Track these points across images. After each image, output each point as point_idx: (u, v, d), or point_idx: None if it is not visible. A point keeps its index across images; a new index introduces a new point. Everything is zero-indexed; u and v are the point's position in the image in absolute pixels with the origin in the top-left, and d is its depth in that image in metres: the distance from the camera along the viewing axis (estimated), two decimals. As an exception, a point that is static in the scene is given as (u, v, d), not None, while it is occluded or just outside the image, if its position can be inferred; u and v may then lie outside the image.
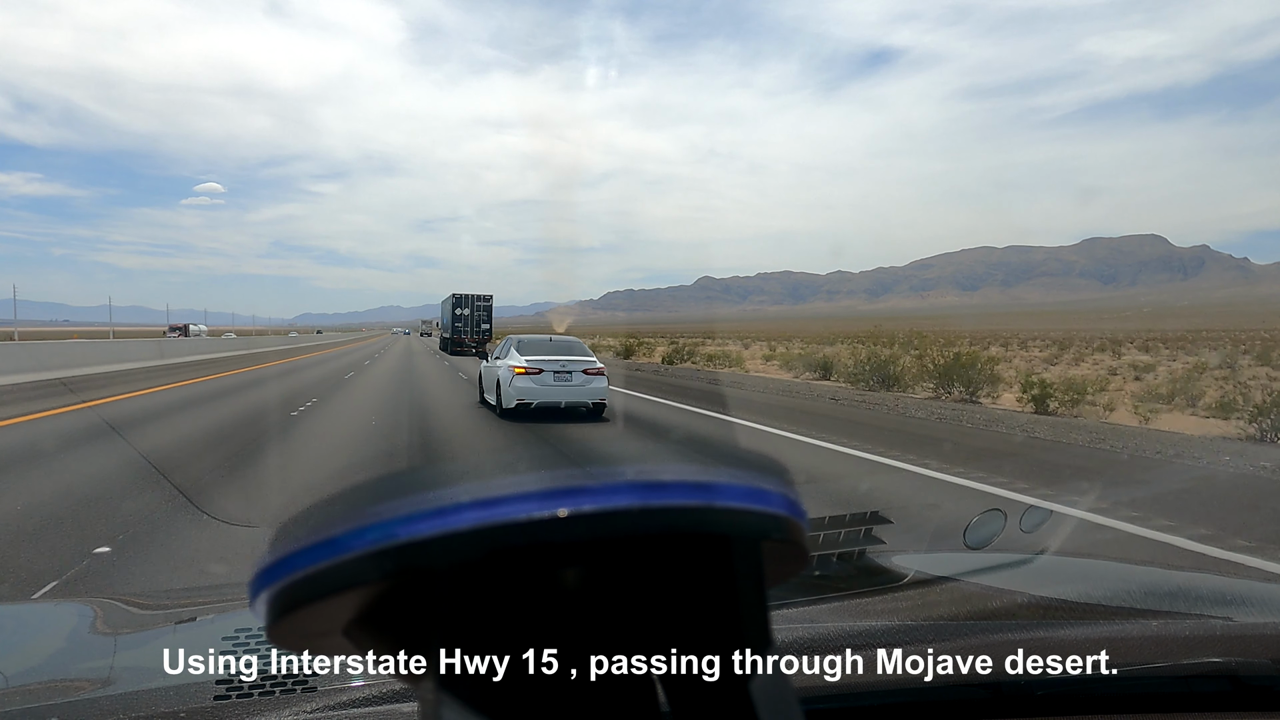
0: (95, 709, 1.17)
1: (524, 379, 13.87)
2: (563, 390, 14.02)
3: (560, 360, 14.20)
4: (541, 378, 13.94)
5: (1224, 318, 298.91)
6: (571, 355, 14.54)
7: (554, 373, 14.03)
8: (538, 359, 14.13)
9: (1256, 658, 1.32)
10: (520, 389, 13.84)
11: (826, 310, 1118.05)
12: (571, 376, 14.09)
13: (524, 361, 14.03)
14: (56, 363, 22.99)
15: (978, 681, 1.23)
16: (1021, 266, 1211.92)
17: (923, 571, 1.87)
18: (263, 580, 0.47)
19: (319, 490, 0.47)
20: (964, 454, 10.53)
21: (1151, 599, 1.77)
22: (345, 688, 1.18)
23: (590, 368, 14.28)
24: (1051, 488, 8.13)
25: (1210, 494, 8.42)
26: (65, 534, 5.74)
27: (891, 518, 2.03)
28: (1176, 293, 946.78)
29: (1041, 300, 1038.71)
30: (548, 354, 14.41)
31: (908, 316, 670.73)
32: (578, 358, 14.47)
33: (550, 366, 14.03)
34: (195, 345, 42.15)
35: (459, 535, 0.43)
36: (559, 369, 14.07)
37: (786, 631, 1.32)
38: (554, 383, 14.00)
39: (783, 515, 0.49)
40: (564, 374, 14.07)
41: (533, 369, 13.95)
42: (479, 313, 51.85)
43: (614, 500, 0.44)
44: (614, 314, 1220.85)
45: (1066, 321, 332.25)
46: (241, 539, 5.72)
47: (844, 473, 9.46)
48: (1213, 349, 50.16)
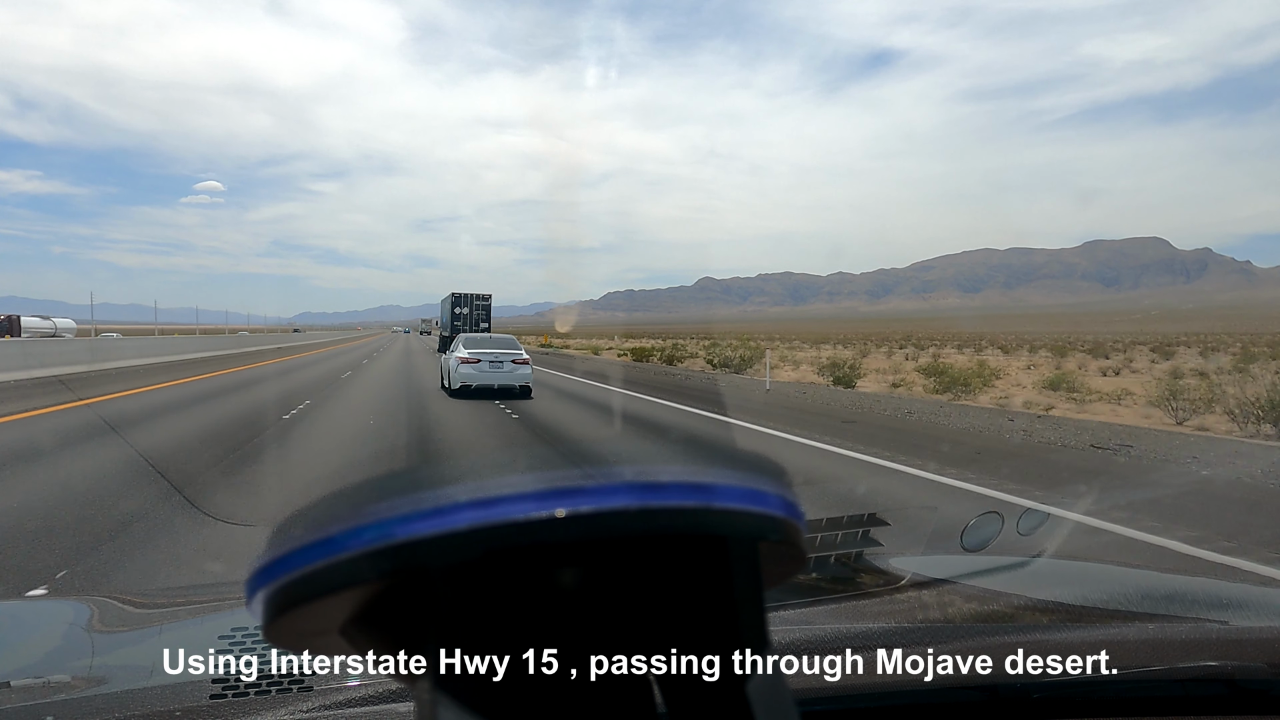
0: (91, 707, 1.17)
1: (466, 367, 17.62)
2: (496, 375, 17.71)
3: (495, 353, 17.98)
4: (480, 365, 17.64)
5: (1228, 321, 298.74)
6: (504, 349, 18.33)
7: (489, 362, 17.73)
8: (478, 351, 18.03)
9: (1252, 661, 1.32)
10: (463, 374, 17.56)
11: (827, 311, 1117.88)
12: (503, 365, 17.80)
13: (467, 354, 17.90)
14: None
15: (977, 683, 1.23)
16: (1023, 268, 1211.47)
17: (920, 574, 1.87)
18: (259, 579, 0.47)
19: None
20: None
21: (1148, 602, 1.77)
22: (342, 687, 1.18)
23: (518, 359, 18.10)
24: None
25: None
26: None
27: (889, 520, 2.03)
28: (1180, 296, 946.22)
29: (1044, 302, 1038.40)
30: (486, 348, 18.30)
31: (909, 318, 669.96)
32: (509, 351, 18.29)
33: (487, 357, 17.77)
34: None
35: (457, 535, 0.43)
36: (493, 359, 17.78)
37: (784, 633, 1.32)
38: (489, 369, 17.70)
39: (780, 517, 0.49)
40: (497, 363, 17.78)
41: (473, 359, 17.73)
42: (478, 312, 51.94)
43: (611, 501, 0.44)
44: (614, 314, 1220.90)
45: (1070, 324, 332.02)
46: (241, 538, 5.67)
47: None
48: (1229, 352, 49.39)
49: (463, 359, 17.81)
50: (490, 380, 17.62)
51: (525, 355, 18.52)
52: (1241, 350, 49.77)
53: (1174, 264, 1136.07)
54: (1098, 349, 67.68)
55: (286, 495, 7.23)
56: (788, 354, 53.32)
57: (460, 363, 17.79)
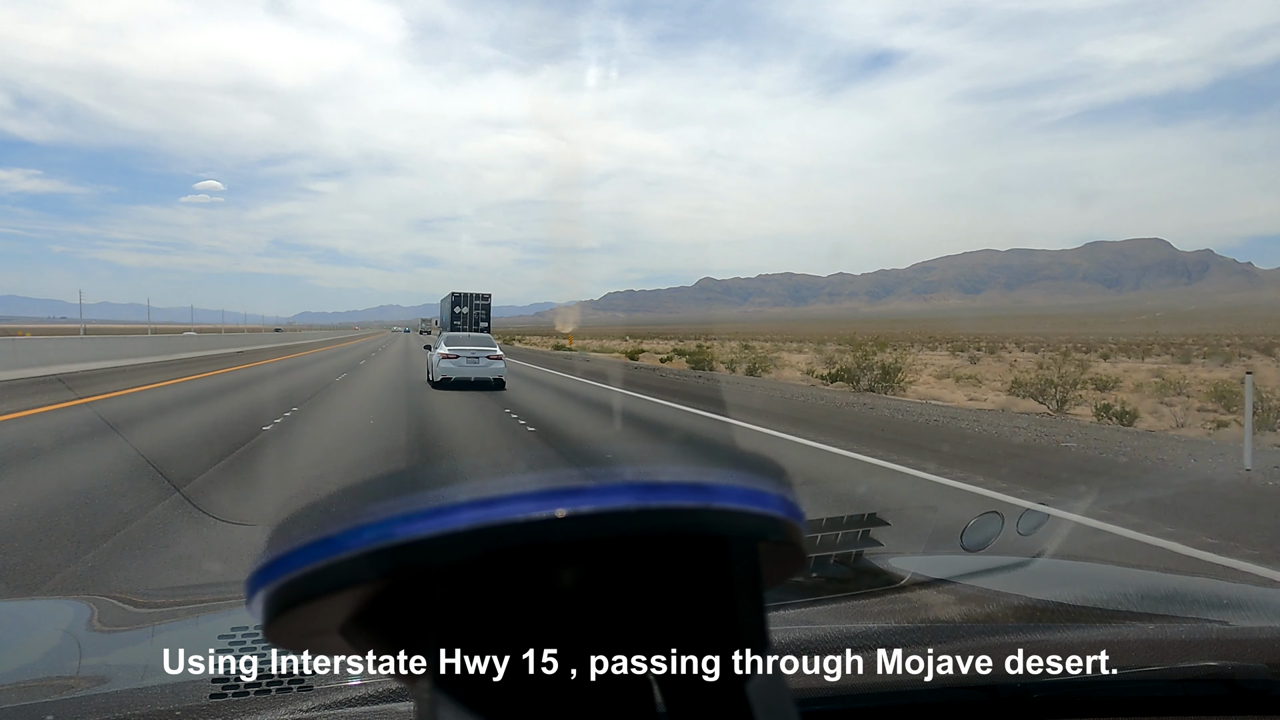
0: (91, 706, 1.17)
1: (446, 361, 19.89)
2: (472, 369, 19.85)
3: (472, 349, 20.17)
4: (458, 360, 19.82)
5: (1230, 323, 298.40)
6: (481, 346, 20.52)
7: (467, 358, 19.89)
8: (457, 348, 20.22)
9: (1252, 661, 1.32)
10: (444, 368, 19.82)
11: (828, 312, 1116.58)
12: (479, 360, 19.93)
13: (447, 350, 20.16)
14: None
15: (977, 683, 1.23)
16: (1024, 269, 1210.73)
17: (920, 574, 1.87)
18: (259, 579, 0.47)
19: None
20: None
21: (1148, 602, 1.77)
22: (341, 687, 1.18)
23: (492, 355, 20.29)
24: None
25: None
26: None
27: (889, 519, 2.03)
28: (1181, 297, 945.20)
29: (1045, 304, 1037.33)
30: (465, 345, 20.55)
31: (911, 319, 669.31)
32: (485, 348, 20.46)
33: (465, 354, 19.95)
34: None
35: (456, 535, 0.43)
36: (470, 356, 19.93)
37: (784, 633, 1.32)
38: (466, 364, 19.83)
39: (780, 517, 0.49)
40: (474, 359, 19.93)
41: (453, 355, 19.92)
42: (478, 311, 51.98)
43: (611, 501, 0.44)
44: (614, 314, 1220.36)
45: (1072, 325, 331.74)
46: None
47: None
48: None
49: (444, 355, 20.03)
50: (467, 373, 19.79)
51: (499, 352, 20.71)
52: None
53: (1175, 265, 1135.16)
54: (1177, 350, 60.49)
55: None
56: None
57: (441, 358, 20.02)
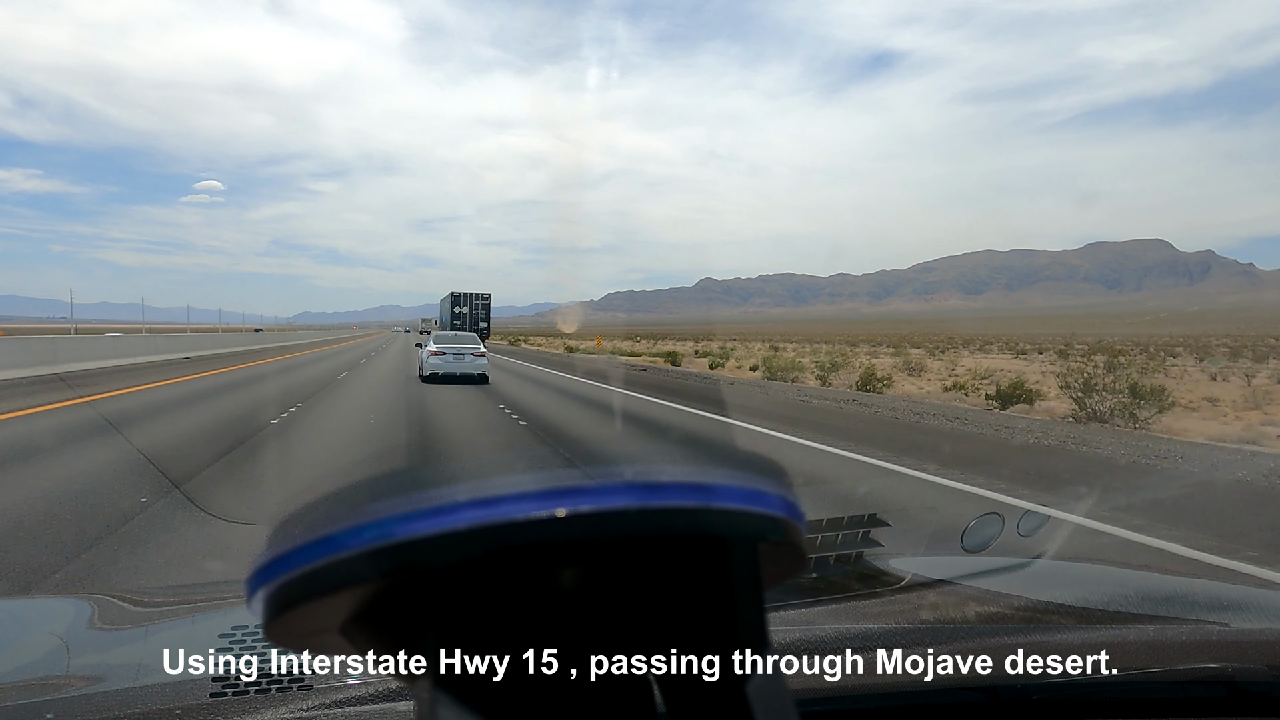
0: (91, 705, 1.17)
1: (434, 358, 21.70)
2: (458, 364, 21.60)
3: (458, 347, 22.10)
4: (445, 357, 21.68)
5: (1232, 323, 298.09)
6: (466, 344, 22.38)
7: (453, 354, 21.77)
8: (444, 345, 22.14)
9: (1253, 663, 1.32)
10: (432, 364, 21.61)
11: (829, 313, 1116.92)
12: (464, 357, 21.74)
13: (435, 347, 22.06)
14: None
15: (977, 684, 1.23)
16: (1025, 270, 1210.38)
17: (920, 574, 1.87)
18: (259, 578, 0.47)
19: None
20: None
21: (1148, 604, 1.77)
22: (341, 686, 1.18)
23: (476, 352, 22.08)
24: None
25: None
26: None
27: (889, 520, 2.03)
28: (1183, 298, 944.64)
29: (1046, 304, 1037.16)
30: (451, 343, 22.49)
31: (911, 320, 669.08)
32: (470, 346, 22.32)
33: (451, 350, 21.86)
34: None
35: (456, 534, 0.43)
36: (456, 352, 21.79)
37: (784, 633, 1.32)
38: (452, 360, 21.65)
39: (780, 517, 0.49)
40: (460, 355, 21.78)
41: (440, 352, 21.77)
42: (478, 311, 52.06)
43: (611, 501, 0.44)
44: (614, 315, 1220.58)
45: (1073, 326, 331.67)
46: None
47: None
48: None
49: (432, 351, 21.85)
50: (453, 369, 21.52)
51: (483, 350, 22.62)
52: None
53: (1176, 266, 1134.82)
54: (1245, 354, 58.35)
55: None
56: (872, 359, 42.65)
57: (430, 355, 21.81)
